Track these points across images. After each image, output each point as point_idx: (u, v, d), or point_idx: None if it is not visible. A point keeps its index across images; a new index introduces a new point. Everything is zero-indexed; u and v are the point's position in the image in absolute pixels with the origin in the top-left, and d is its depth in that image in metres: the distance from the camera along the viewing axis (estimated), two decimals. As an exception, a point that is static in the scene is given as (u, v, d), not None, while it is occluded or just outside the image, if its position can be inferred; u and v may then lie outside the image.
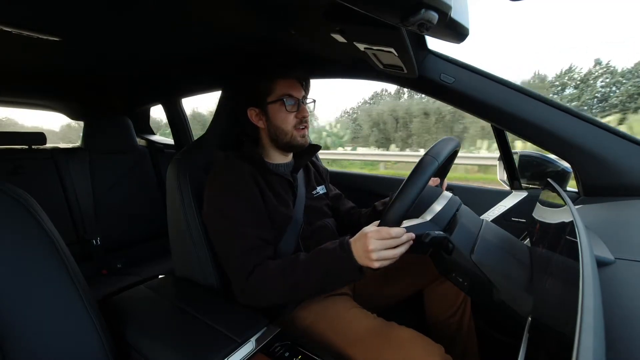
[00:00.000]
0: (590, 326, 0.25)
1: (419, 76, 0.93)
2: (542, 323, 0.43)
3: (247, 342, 0.60)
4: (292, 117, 0.83)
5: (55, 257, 0.57)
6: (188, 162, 0.86)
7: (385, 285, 0.95)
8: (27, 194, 0.57)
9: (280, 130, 0.84)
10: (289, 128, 0.83)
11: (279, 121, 0.83)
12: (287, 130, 0.83)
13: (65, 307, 0.57)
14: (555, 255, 0.50)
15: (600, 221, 0.69)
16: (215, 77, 1.44)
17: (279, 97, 0.82)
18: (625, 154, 0.82)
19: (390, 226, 0.62)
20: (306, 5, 0.67)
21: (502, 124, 0.94)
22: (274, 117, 0.83)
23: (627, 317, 0.35)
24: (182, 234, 0.83)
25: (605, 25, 58.12)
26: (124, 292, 0.81)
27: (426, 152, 0.68)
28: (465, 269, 0.62)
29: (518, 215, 1.09)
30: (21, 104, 1.89)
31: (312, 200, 0.93)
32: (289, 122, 0.83)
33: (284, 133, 0.83)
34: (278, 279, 0.68)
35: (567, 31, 61.33)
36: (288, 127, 0.83)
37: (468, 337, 0.93)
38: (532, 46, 60.82)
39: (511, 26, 71.42)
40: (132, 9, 0.78)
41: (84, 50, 1.11)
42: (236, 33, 0.92)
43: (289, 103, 0.82)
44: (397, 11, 0.50)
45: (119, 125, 1.69)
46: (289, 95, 0.82)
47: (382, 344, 0.65)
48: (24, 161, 1.45)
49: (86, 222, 1.55)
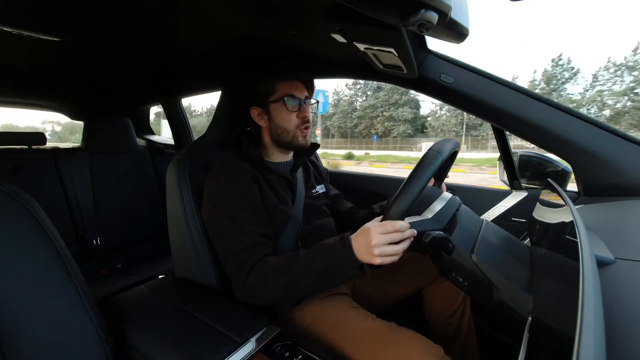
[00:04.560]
0: (590, 326, 0.25)
1: (419, 76, 0.93)
2: (542, 323, 0.43)
3: (247, 342, 0.60)
4: (294, 116, 0.83)
5: (55, 257, 0.57)
6: (188, 162, 0.86)
7: (384, 285, 0.95)
8: (27, 194, 0.57)
9: (282, 130, 0.84)
10: (292, 127, 0.84)
11: (281, 120, 0.84)
12: (289, 129, 0.84)
13: (65, 307, 0.57)
14: (556, 255, 0.50)
15: (600, 221, 0.69)
16: (215, 77, 1.44)
17: (280, 96, 0.82)
18: (625, 154, 0.82)
19: (394, 220, 0.61)
20: (306, 5, 0.67)
21: (502, 124, 0.94)
22: (275, 116, 0.84)
23: (627, 317, 0.35)
24: (182, 234, 0.83)
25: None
26: (124, 292, 0.81)
27: (429, 148, 0.68)
28: (465, 268, 0.62)
29: (518, 215, 1.09)
30: (21, 104, 1.89)
31: (311, 199, 0.93)
32: (291, 122, 0.83)
33: (286, 132, 0.84)
34: (277, 275, 0.68)
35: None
36: (290, 126, 0.83)
37: (468, 337, 0.93)
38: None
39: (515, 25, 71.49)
40: (132, 9, 0.78)
41: (84, 50, 1.11)
42: (236, 33, 0.92)
43: (290, 103, 0.82)
44: (397, 11, 0.50)
45: (119, 125, 1.68)
46: (291, 95, 0.83)
47: (381, 344, 0.65)
48: (24, 161, 1.45)
49: (86, 222, 1.55)
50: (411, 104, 36.12)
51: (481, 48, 66.13)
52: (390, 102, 36.82)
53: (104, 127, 1.64)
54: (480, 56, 61.65)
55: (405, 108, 36.16)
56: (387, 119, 37.22)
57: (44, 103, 1.95)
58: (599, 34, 54.10)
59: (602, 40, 50.31)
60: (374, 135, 37.04)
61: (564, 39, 55.82)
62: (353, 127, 40.62)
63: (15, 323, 0.51)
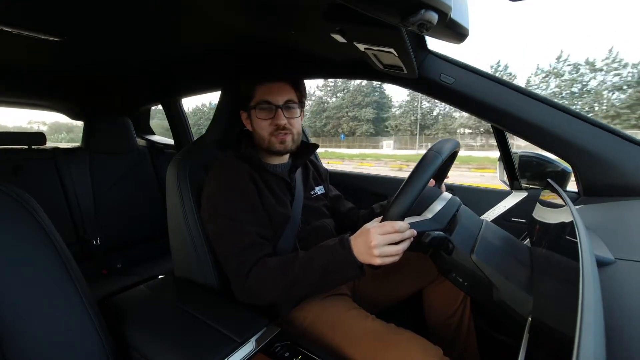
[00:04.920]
0: (590, 326, 0.25)
1: (419, 76, 0.93)
2: (542, 323, 0.43)
3: (247, 342, 0.60)
4: (267, 123, 0.82)
5: (55, 257, 0.57)
6: (188, 162, 0.86)
7: (384, 285, 0.95)
8: (27, 194, 0.57)
9: (258, 136, 0.84)
10: (265, 134, 0.83)
11: (257, 126, 0.84)
12: (263, 136, 0.83)
13: (65, 307, 0.57)
14: (556, 255, 0.50)
15: (600, 221, 0.69)
16: (215, 77, 1.44)
17: (257, 102, 0.82)
18: (626, 154, 0.82)
19: (394, 220, 0.61)
20: (306, 5, 0.67)
21: (502, 124, 0.94)
22: (253, 122, 0.84)
23: (627, 317, 0.35)
24: (182, 234, 0.83)
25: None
26: (124, 292, 0.81)
27: (429, 148, 0.68)
28: (465, 269, 0.62)
29: (518, 215, 1.09)
30: (21, 104, 1.89)
31: (310, 201, 0.93)
32: (263, 129, 0.83)
33: (262, 138, 0.84)
34: (277, 275, 0.68)
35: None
36: (264, 133, 0.83)
37: (468, 337, 0.92)
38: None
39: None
40: (132, 9, 0.78)
41: (84, 50, 1.11)
42: (236, 33, 0.92)
43: (262, 109, 0.82)
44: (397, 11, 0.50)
45: (119, 125, 1.68)
46: (266, 101, 0.81)
47: (380, 345, 0.65)
48: (24, 161, 1.45)
49: (86, 222, 1.55)
50: (373, 105, 38.19)
51: (472, 47, 66.01)
52: (354, 102, 38.55)
53: (104, 127, 1.64)
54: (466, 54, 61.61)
55: (368, 109, 37.96)
56: (351, 119, 39.19)
57: (44, 103, 1.95)
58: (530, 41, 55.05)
59: (532, 48, 51.37)
60: (341, 134, 38.83)
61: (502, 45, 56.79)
62: (322, 126, 42.57)
63: (15, 323, 0.51)
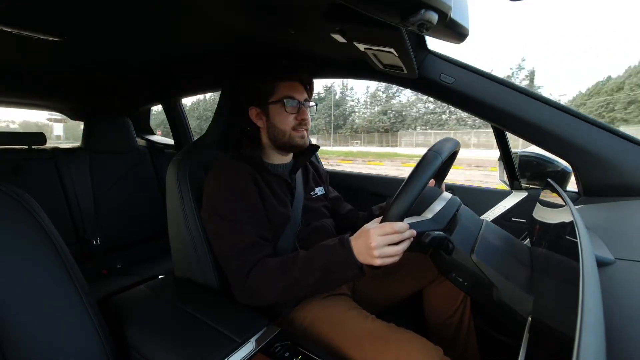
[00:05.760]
0: (590, 326, 0.25)
1: (419, 76, 0.93)
2: (542, 323, 0.43)
3: (247, 342, 0.60)
4: (291, 118, 0.83)
5: (55, 257, 0.57)
6: (188, 162, 0.86)
7: (384, 285, 0.95)
8: (27, 194, 0.57)
9: (278, 130, 0.84)
10: (287, 128, 0.84)
11: (279, 121, 0.84)
12: (286, 130, 0.84)
13: (65, 307, 0.57)
14: (556, 255, 0.50)
15: (600, 221, 0.69)
16: (215, 77, 1.44)
17: (280, 98, 0.83)
18: (625, 154, 0.82)
19: (394, 221, 0.61)
20: (306, 5, 0.67)
21: (502, 124, 0.94)
22: (273, 117, 0.84)
23: (627, 317, 0.35)
24: (182, 234, 0.83)
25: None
26: (124, 292, 0.81)
27: (429, 149, 0.68)
28: (465, 269, 0.62)
29: (518, 215, 1.09)
30: (21, 104, 1.89)
31: (310, 201, 0.93)
32: (287, 123, 0.83)
33: (282, 133, 0.84)
34: (277, 276, 0.68)
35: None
36: (286, 127, 0.83)
37: (468, 337, 0.92)
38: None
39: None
40: (132, 9, 0.78)
41: (84, 50, 1.11)
42: (236, 33, 0.92)
43: (289, 104, 0.83)
44: (397, 11, 0.50)
45: (119, 125, 1.68)
46: (291, 97, 0.83)
47: (380, 346, 0.65)
48: (24, 161, 1.45)
49: (86, 222, 1.55)
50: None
51: (474, 47, 66.06)
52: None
53: (104, 127, 1.64)
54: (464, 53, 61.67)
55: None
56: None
57: (44, 103, 1.95)
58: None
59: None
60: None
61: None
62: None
63: (15, 323, 0.51)
